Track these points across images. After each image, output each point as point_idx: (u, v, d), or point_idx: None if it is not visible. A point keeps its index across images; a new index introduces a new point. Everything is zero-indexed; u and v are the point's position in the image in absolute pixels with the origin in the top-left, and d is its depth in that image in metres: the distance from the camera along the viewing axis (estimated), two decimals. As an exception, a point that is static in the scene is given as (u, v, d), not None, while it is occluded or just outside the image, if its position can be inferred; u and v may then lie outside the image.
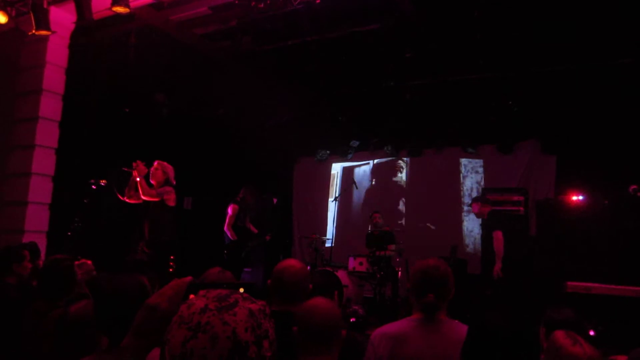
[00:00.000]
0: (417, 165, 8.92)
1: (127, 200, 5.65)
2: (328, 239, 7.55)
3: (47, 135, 6.46)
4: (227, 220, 7.00)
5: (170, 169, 5.71)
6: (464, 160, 8.64)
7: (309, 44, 7.35)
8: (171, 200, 5.60)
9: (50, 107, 6.50)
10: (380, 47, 7.26)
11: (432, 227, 8.22)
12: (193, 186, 8.40)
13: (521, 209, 6.90)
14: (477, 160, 8.53)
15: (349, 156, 9.45)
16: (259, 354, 0.85)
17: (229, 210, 7.07)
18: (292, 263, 2.44)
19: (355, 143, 9.15)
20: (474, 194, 8.18)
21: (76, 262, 3.71)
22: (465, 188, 8.57)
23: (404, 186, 8.93)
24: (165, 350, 0.86)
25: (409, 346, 2.07)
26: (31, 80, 6.48)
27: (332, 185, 9.54)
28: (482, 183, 8.09)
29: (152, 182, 5.51)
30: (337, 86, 8.19)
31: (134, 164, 5.43)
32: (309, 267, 7.19)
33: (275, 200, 8.62)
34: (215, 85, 8.40)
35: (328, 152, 9.62)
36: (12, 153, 6.53)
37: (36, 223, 6.35)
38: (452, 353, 1.99)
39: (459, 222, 8.20)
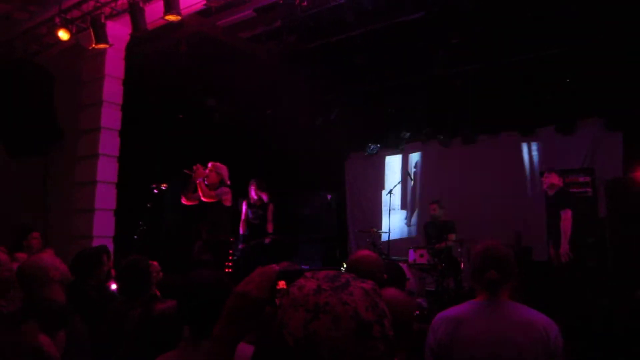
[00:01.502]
0: (473, 153, 8.71)
1: (187, 202, 5.85)
2: (385, 232, 7.51)
3: (109, 144, 6.81)
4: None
5: (223, 169, 5.86)
6: (521, 145, 8.35)
7: (355, 38, 7.36)
8: (228, 200, 5.75)
9: (111, 117, 6.84)
10: (426, 35, 7.17)
11: (492, 215, 7.99)
12: (246, 188, 8.57)
13: (589, 190, 6.58)
14: (535, 144, 8.24)
15: (401, 148, 9.37)
16: (383, 333, 0.83)
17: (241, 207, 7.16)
18: (368, 253, 2.48)
19: (406, 134, 9.05)
20: (535, 179, 7.90)
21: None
22: (525, 173, 8.29)
23: (460, 175, 8.73)
24: (285, 334, 0.84)
25: (468, 328, 2.04)
26: (92, 92, 6.86)
27: (385, 178, 9.46)
28: (543, 167, 7.78)
29: (207, 183, 5.67)
30: (385, 78, 8.14)
31: (194, 167, 5.61)
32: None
33: (329, 197, 8.66)
34: (263, 86, 8.57)
35: (379, 145, 9.59)
36: (79, 163, 6.91)
37: (103, 228, 6.71)
38: (514, 335, 1.98)
39: (521, 208, 7.92)
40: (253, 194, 7.08)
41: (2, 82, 6.89)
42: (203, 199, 5.55)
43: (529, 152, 8.31)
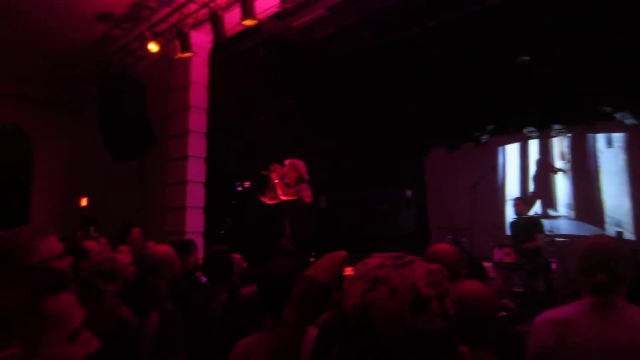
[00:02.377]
0: (564, 145, 8.19)
1: (267, 201, 6.04)
2: (467, 229, 7.28)
3: (196, 146, 7.32)
4: None
5: (300, 165, 5.90)
6: (618, 135, 7.67)
7: (431, 30, 7.23)
8: (307, 196, 5.78)
9: (197, 121, 7.35)
10: (507, 21, 6.86)
11: (586, 213, 7.46)
12: (327, 184, 8.73)
13: None
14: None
15: (483, 141, 9.04)
16: (442, 310, 0.83)
17: None
18: (446, 246, 2.44)
19: (490, 127, 8.72)
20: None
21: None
22: (628, 165, 7.62)
23: (550, 168, 8.24)
24: (344, 304, 0.87)
25: (578, 333, 1.83)
26: (180, 99, 7.40)
27: (468, 173, 9.16)
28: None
29: (286, 181, 5.77)
30: (464, 69, 7.90)
31: (271, 167, 5.78)
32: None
33: (409, 193, 8.57)
34: (341, 83, 8.68)
35: (460, 139, 9.33)
36: (170, 164, 7.48)
37: (194, 224, 7.22)
38: (632, 342, 1.75)
39: (623, 203, 7.31)
40: None
41: (105, 96, 7.63)
42: (282, 197, 5.67)
43: (630, 143, 7.62)
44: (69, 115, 10.15)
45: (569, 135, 8.16)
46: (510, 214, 7.21)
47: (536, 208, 7.12)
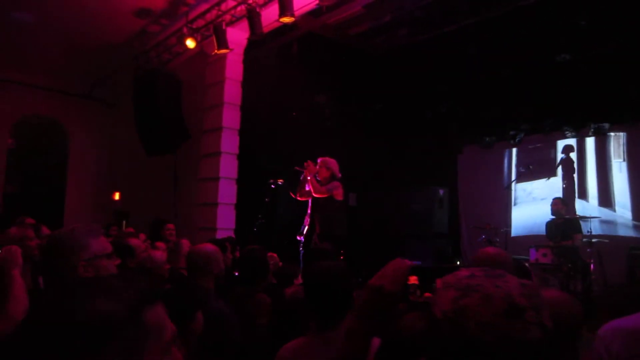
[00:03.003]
0: (603, 145, 7.98)
1: (299, 198, 6.06)
2: (503, 230, 7.16)
3: (229, 142, 7.39)
4: None
5: (333, 163, 5.91)
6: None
7: (467, 27, 7.12)
8: (339, 194, 5.78)
9: (231, 117, 7.40)
10: (547, 19, 6.70)
11: (628, 213, 7.26)
12: (357, 182, 8.71)
13: None
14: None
15: (518, 140, 8.88)
16: (538, 320, 0.84)
17: None
18: (497, 251, 2.42)
19: (525, 126, 8.55)
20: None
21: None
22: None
23: (588, 168, 8.04)
24: (434, 309, 0.89)
25: None
26: (214, 95, 7.47)
27: (502, 172, 9.04)
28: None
29: (319, 178, 5.79)
30: (501, 67, 7.76)
31: (305, 164, 5.79)
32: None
33: (441, 192, 8.48)
34: (374, 81, 8.63)
35: (494, 137, 9.17)
36: (203, 160, 7.55)
37: (225, 221, 7.29)
38: None
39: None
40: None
41: (141, 90, 7.74)
42: (314, 194, 5.68)
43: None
44: (104, 109, 10.36)
45: (613, 134, 7.93)
46: (546, 215, 7.05)
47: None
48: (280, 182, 6.47)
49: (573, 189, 8.16)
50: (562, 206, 6.68)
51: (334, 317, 1.98)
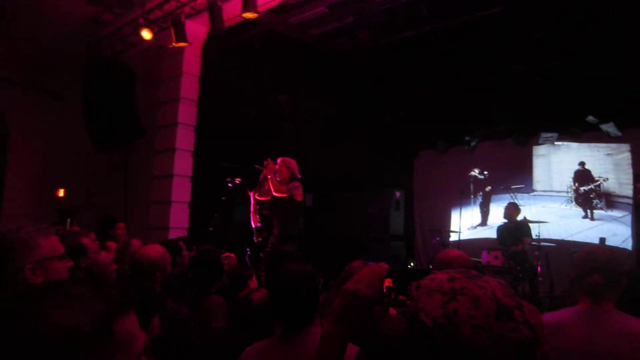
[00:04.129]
0: (552, 154, 8.35)
1: (257, 197, 5.97)
2: (455, 232, 7.34)
3: (185, 139, 7.16)
4: None
5: (293, 163, 5.89)
6: (605, 145, 7.88)
7: (426, 34, 7.24)
8: (299, 195, 5.76)
9: (187, 113, 7.19)
10: (503, 30, 6.93)
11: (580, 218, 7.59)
12: (314, 183, 8.68)
13: None
14: (624, 145, 7.75)
15: (473, 146, 9.13)
16: (524, 318, 0.84)
17: None
18: (459, 253, 2.44)
19: (479, 133, 8.81)
20: (625, 182, 7.44)
21: (222, 255, 4.04)
22: (617, 175, 7.84)
23: (537, 176, 8.38)
24: (421, 316, 0.87)
25: (565, 336, 1.91)
26: (170, 89, 7.22)
27: (456, 177, 9.27)
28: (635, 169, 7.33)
29: (279, 178, 5.75)
30: (457, 74, 7.95)
31: (264, 163, 5.72)
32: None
33: (398, 195, 8.59)
34: (334, 82, 8.63)
35: (449, 143, 9.40)
36: (156, 157, 7.30)
37: (179, 220, 7.05)
38: (620, 347, 1.81)
39: (605, 213, 7.51)
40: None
41: (91, 82, 7.38)
42: (274, 193, 5.63)
43: (616, 153, 7.82)
44: (50, 101, 9.80)
45: (557, 143, 8.29)
46: (497, 219, 7.30)
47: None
48: (237, 181, 6.36)
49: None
50: (515, 210, 6.92)
51: (300, 322, 1.94)
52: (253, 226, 6.47)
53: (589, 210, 7.99)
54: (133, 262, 2.84)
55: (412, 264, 8.39)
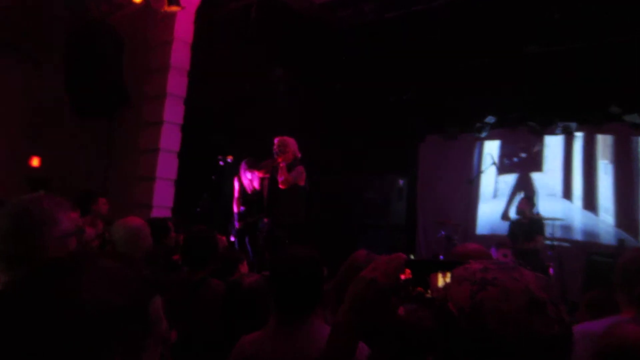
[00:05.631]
0: (572, 144, 8.33)
1: (260, 174, 5.82)
2: (460, 226, 7.35)
3: (173, 111, 7.08)
4: None
5: (292, 142, 5.81)
6: (632, 138, 7.80)
7: (437, 9, 7.15)
8: (302, 180, 5.69)
9: (177, 83, 7.11)
10: (521, 9, 6.85)
11: (596, 216, 7.58)
12: (310, 166, 8.61)
13: None
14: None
15: (483, 134, 9.12)
16: (558, 315, 0.85)
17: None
18: (478, 247, 2.43)
19: (491, 119, 8.76)
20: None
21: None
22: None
23: (554, 167, 8.37)
24: (449, 305, 0.90)
25: None
26: (160, 57, 7.12)
27: (464, 166, 9.26)
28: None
29: (283, 164, 5.59)
30: (469, 55, 7.88)
31: (275, 149, 5.54)
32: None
33: (401, 182, 8.56)
34: (334, 58, 8.53)
35: (459, 128, 9.37)
36: (142, 129, 7.22)
37: (163, 198, 7.00)
38: None
39: (631, 209, 7.47)
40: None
41: (75, 45, 7.25)
42: (281, 186, 5.50)
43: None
44: (27, 64, 9.64)
45: (577, 134, 8.26)
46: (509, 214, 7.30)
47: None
48: (229, 159, 6.31)
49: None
50: (527, 206, 6.90)
51: (302, 310, 1.94)
52: (235, 211, 6.49)
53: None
54: (112, 235, 2.84)
55: (412, 257, 8.41)
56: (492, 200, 8.99)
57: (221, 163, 6.26)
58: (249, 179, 6.48)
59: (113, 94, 7.13)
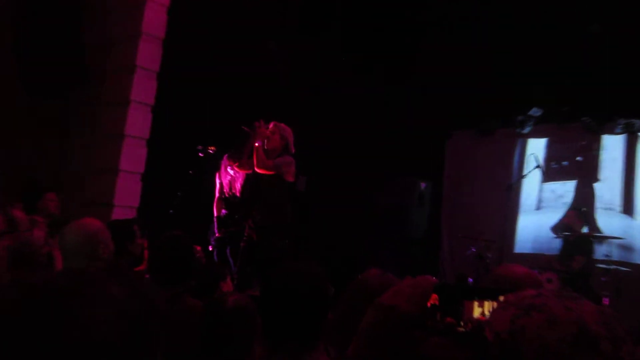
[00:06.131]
0: (635, 146, 8.30)
1: (237, 168, 5.94)
2: (494, 242, 7.33)
3: (143, 88, 7.07)
4: None
5: (289, 133, 5.90)
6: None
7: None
8: (290, 173, 5.78)
9: (149, 54, 7.11)
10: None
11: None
12: (309, 162, 8.61)
13: None
14: None
15: (526, 129, 9.07)
16: (615, 354, 0.87)
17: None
18: (523, 270, 2.39)
19: (536, 112, 8.72)
20: None
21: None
22: None
23: (613, 174, 8.32)
24: (486, 330, 0.94)
25: None
26: (128, 22, 7.10)
27: (503, 169, 9.19)
28: None
29: (267, 147, 5.75)
30: (512, 34, 7.84)
31: (255, 124, 5.63)
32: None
33: (423, 186, 8.54)
34: (342, 29, 8.53)
35: (496, 123, 9.32)
36: (104, 111, 7.22)
37: (127, 196, 7.00)
38: None
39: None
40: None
41: (23, 9, 7.25)
42: (257, 169, 5.63)
43: None
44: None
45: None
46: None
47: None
48: (211, 150, 6.31)
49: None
50: (578, 220, 6.88)
51: (300, 342, 1.91)
52: (215, 214, 6.56)
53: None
54: (62, 240, 2.81)
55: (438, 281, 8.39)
56: (535, 212, 8.92)
57: (201, 154, 6.25)
58: (231, 176, 6.53)
59: (69, 69, 7.10)
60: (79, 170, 7.22)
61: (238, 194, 6.44)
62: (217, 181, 6.63)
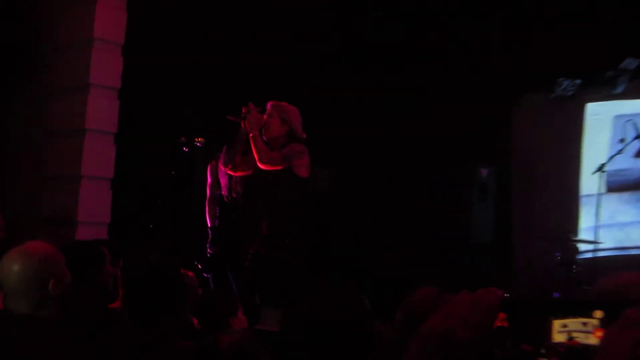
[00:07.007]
0: None
1: (230, 172, 6.00)
2: (592, 243, 7.33)
3: (105, 68, 7.17)
4: None
5: (294, 113, 5.99)
6: None
7: None
8: (303, 165, 5.84)
9: (111, 22, 7.23)
10: None
11: None
12: (330, 152, 8.67)
13: None
14: None
15: (619, 89, 9.00)
16: None
17: None
18: (625, 275, 2.39)
19: (632, 63, 8.67)
20: None
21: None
22: None
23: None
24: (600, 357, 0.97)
25: None
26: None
27: (591, 144, 9.16)
28: None
29: (266, 137, 5.85)
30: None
31: (243, 110, 5.70)
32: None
33: (484, 173, 8.55)
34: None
35: (577, 81, 9.26)
36: (55, 100, 7.38)
37: (93, 209, 7.12)
38: None
39: None
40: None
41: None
42: (260, 165, 5.70)
43: None
44: None
45: None
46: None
47: None
48: (198, 142, 6.39)
49: None
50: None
51: None
52: (209, 224, 6.63)
53: None
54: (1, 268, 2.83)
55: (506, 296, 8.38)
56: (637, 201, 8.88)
57: (185, 149, 6.33)
58: (228, 177, 6.58)
59: (11, 48, 7.24)
60: (27, 181, 7.40)
61: (240, 199, 6.47)
62: (209, 179, 6.65)
